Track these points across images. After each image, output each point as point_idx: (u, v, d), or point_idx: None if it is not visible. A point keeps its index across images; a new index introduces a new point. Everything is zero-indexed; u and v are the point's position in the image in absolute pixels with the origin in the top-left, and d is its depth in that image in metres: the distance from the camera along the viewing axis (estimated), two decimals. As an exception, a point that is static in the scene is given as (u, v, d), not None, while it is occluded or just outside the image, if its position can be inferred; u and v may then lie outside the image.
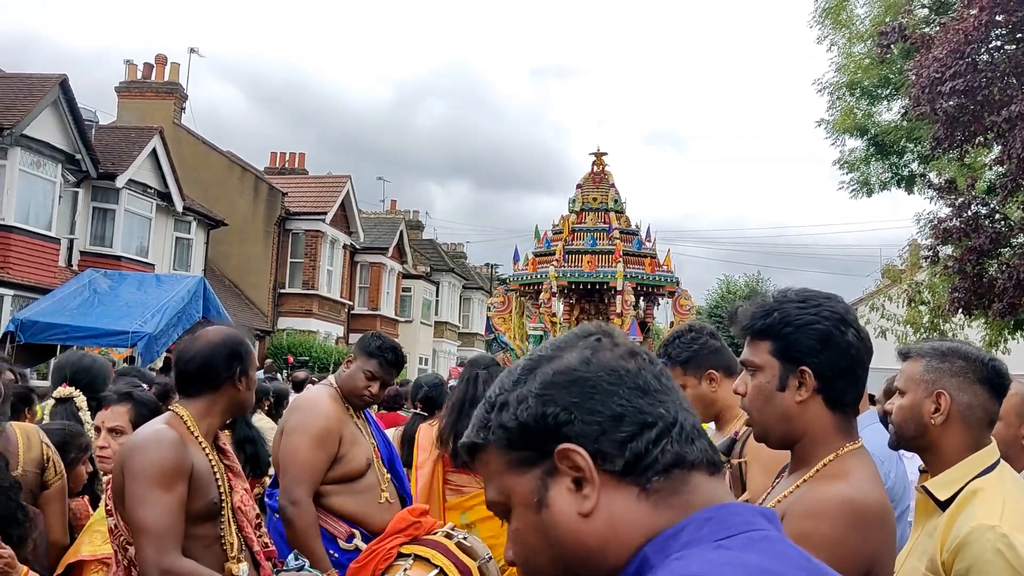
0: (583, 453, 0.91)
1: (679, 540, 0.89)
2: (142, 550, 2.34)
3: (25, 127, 15.99)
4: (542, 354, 0.99)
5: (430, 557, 3.20)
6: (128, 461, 2.43)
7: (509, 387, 0.98)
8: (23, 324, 13.78)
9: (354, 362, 3.59)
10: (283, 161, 31.39)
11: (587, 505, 0.91)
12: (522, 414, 0.94)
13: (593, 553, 0.92)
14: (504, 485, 0.97)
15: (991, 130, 13.29)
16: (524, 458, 0.95)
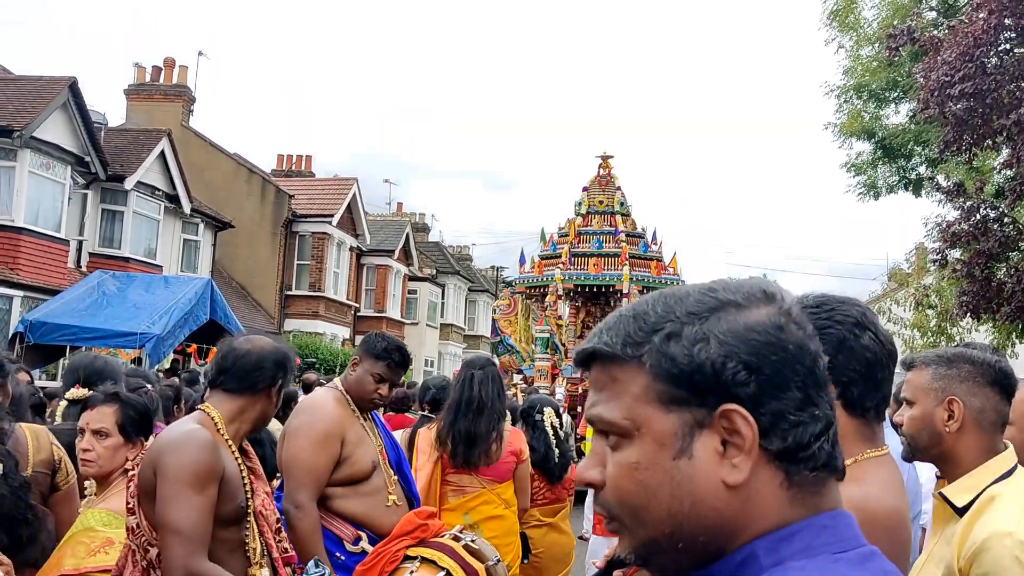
0: (752, 423, 0.84)
1: (792, 544, 0.83)
2: (170, 550, 2.31)
3: (35, 129, 16.04)
4: (724, 297, 0.88)
5: (437, 559, 3.17)
6: (161, 460, 2.40)
7: (682, 316, 0.87)
8: (32, 325, 13.83)
9: (360, 364, 3.56)
10: (290, 163, 31.45)
11: (735, 476, 0.84)
12: (699, 355, 0.85)
13: (722, 524, 0.85)
14: (638, 412, 0.87)
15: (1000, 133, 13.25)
16: (677, 397, 0.86)
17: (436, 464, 4.23)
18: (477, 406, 4.18)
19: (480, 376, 4.27)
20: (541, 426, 5.37)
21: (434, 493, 4.21)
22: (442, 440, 4.21)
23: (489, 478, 4.23)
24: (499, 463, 4.23)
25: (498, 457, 4.22)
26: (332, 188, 28.42)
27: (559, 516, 5.38)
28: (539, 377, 14.66)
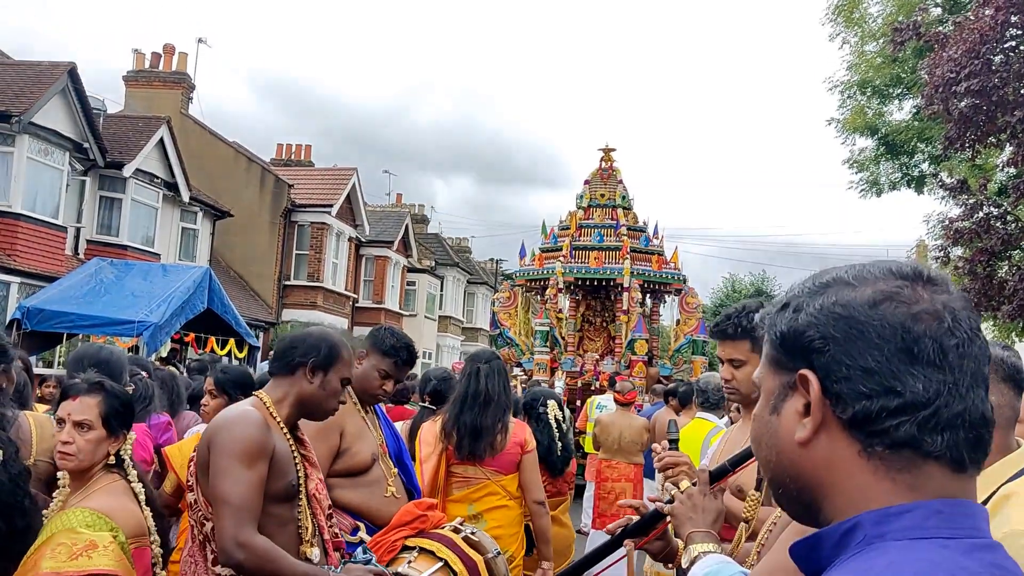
0: (815, 387, 0.91)
1: (900, 522, 0.87)
2: (221, 520, 2.44)
3: (33, 115, 15.95)
4: (842, 276, 0.96)
5: (435, 550, 3.16)
6: (215, 437, 2.53)
7: (803, 292, 0.98)
8: (29, 311, 13.77)
9: (367, 359, 3.54)
10: (289, 153, 31.37)
11: (801, 434, 0.92)
12: (790, 323, 0.95)
13: (802, 479, 0.94)
14: (760, 372, 1.02)
15: (1004, 131, 13.22)
16: (778, 360, 0.97)
17: (441, 456, 4.20)
18: (484, 399, 4.17)
19: (486, 370, 4.26)
20: (545, 418, 5.33)
21: (439, 485, 4.18)
22: (447, 432, 4.18)
23: (494, 469, 4.20)
24: (504, 454, 4.20)
25: (503, 448, 4.19)
26: (332, 178, 28.34)
27: (560, 509, 5.35)
28: (538, 370, 14.60)
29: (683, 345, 15.32)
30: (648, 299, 16.32)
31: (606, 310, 16.00)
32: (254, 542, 2.42)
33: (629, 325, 14.88)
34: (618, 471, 8.15)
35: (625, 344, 14.76)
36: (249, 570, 2.44)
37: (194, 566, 2.57)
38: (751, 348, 2.64)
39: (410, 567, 3.09)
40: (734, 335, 2.58)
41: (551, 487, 5.23)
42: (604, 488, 8.22)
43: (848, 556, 0.87)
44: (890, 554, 0.84)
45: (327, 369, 2.72)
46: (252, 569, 2.43)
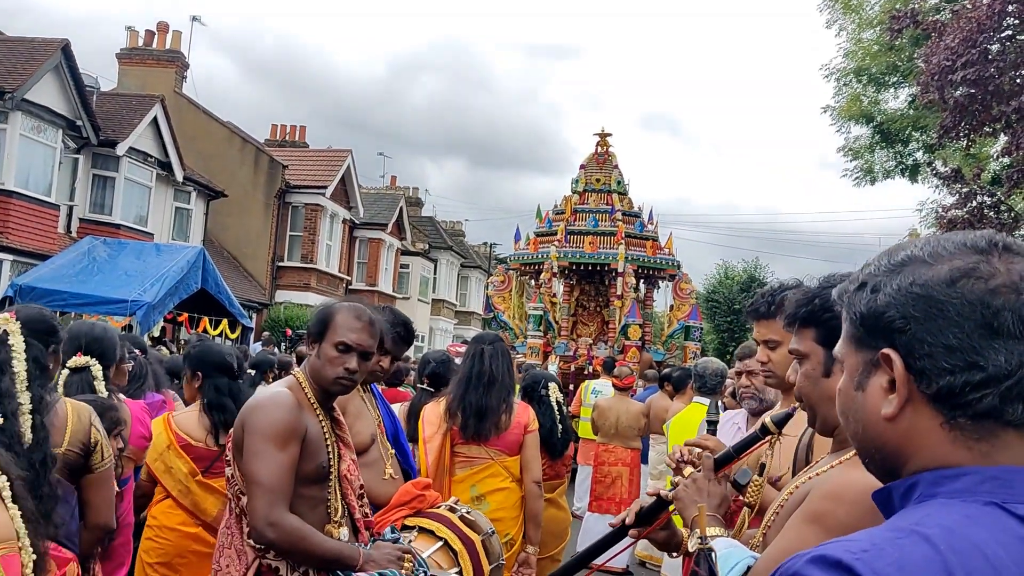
0: (899, 366, 0.95)
1: (953, 484, 0.92)
2: (253, 500, 2.50)
3: (26, 91, 15.84)
4: (918, 254, 0.99)
5: (435, 530, 3.18)
6: (249, 418, 2.59)
7: (880, 271, 1.00)
8: (22, 289, 13.71)
9: None
10: (283, 134, 31.23)
11: (888, 410, 0.97)
12: (870, 303, 0.99)
13: (886, 449, 0.99)
14: (842, 348, 1.05)
15: (999, 120, 13.25)
16: (860, 339, 1.00)
17: (445, 436, 4.21)
18: (488, 379, 4.18)
19: (490, 351, 4.27)
20: (547, 401, 5.35)
21: (444, 465, 4.19)
22: (452, 412, 4.19)
23: (498, 449, 4.21)
24: (508, 434, 4.21)
25: (507, 428, 4.20)
26: (326, 159, 28.23)
27: (557, 492, 5.38)
28: (530, 355, 14.62)
29: (676, 331, 15.36)
30: (642, 284, 16.33)
31: (600, 295, 16.02)
32: (285, 521, 2.48)
33: (623, 310, 14.91)
34: (615, 455, 8.19)
35: (619, 329, 14.80)
36: (281, 548, 2.51)
37: (230, 537, 2.65)
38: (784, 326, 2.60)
39: (410, 546, 3.11)
40: (766, 313, 2.52)
41: (550, 470, 5.25)
42: (601, 472, 8.26)
43: (905, 507, 0.95)
44: (928, 508, 0.90)
45: (321, 338, 2.72)
46: (283, 547, 2.50)
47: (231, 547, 2.64)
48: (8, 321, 2.76)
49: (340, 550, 2.59)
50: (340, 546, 2.61)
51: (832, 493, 1.60)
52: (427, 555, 3.07)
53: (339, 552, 2.58)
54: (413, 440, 4.56)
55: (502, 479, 4.21)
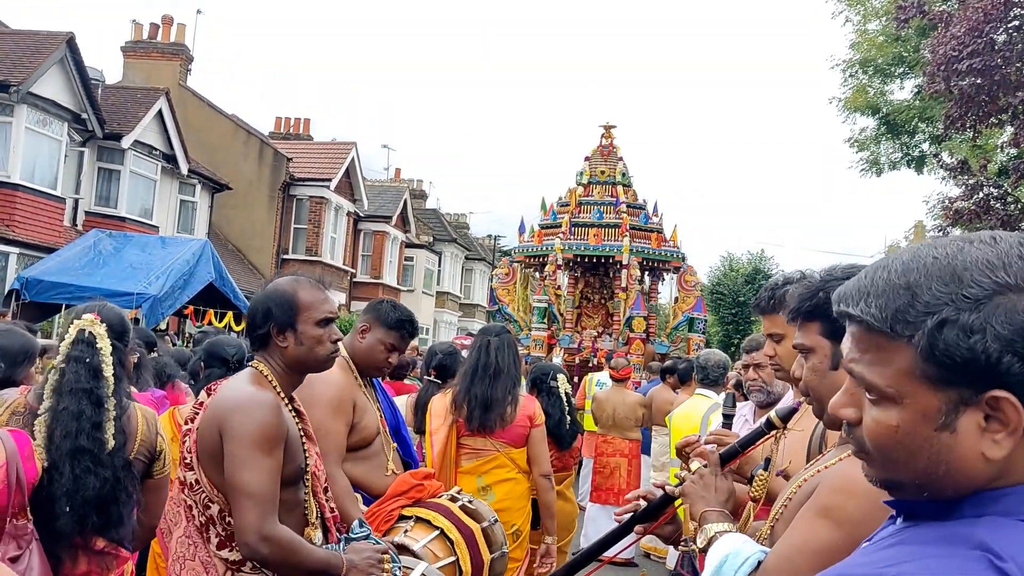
0: (1021, 411, 0.88)
1: (996, 505, 0.90)
2: (244, 514, 2.31)
3: (32, 84, 15.85)
4: (1004, 280, 0.90)
5: (431, 519, 3.18)
6: (228, 421, 2.37)
7: (958, 300, 0.90)
8: (28, 282, 13.76)
9: (370, 332, 3.50)
10: (288, 126, 31.21)
11: (997, 452, 0.90)
12: (976, 346, 0.88)
13: (971, 486, 0.92)
14: (903, 385, 0.93)
15: (1006, 111, 13.20)
16: (944, 378, 0.90)
17: (452, 428, 4.22)
18: (494, 371, 4.19)
19: (496, 342, 4.29)
20: (556, 392, 5.37)
21: (450, 457, 4.21)
22: (458, 404, 4.20)
23: (503, 441, 4.22)
24: (513, 427, 4.23)
25: (513, 420, 4.21)
26: (331, 152, 28.23)
27: (564, 484, 5.40)
28: (535, 347, 14.63)
29: (681, 323, 15.35)
30: (647, 276, 16.33)
31: (605, 287, 16.01)
32: (278, 534, 2.33)
33: (627, 302, 14.90)
34: (613, 446, 8.21)
35: (623, 321, 14.79)
36: (273, 563, 2.36)
37: (193, 548, 2.46)
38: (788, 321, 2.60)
39: (406, 536, 3.10)
40: (767, 308, 2.52)
41: (557, 462, 5.26)
42: (600, 463, 8.29)
43: (945, 521, 0.92)
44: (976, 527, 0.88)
45: (293, 323, 2.53)
46: (276, 562, 2.35)
47: (195, 559, 2.45)
48: (94, 323, 2.73)
49: (327, 560, 2.44)
50: (327, 555, 2.46)
51: (842, 487, 1.60)
52: (422, 544, 3.07)
53: (327, 562, 2.44)
54: (421, 432, 4.58)
55: (508, 470, 4.23)
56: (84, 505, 2.55)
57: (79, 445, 2.56)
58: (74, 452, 2.55)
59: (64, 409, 2.59)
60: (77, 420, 2.58)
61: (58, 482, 2.54)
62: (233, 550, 2.39)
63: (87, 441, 2.57)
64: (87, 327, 2.72)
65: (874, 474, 1.01)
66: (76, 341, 2.70)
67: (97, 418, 2.61)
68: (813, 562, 1.53)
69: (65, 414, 2.58)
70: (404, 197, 32.03)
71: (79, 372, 2.64)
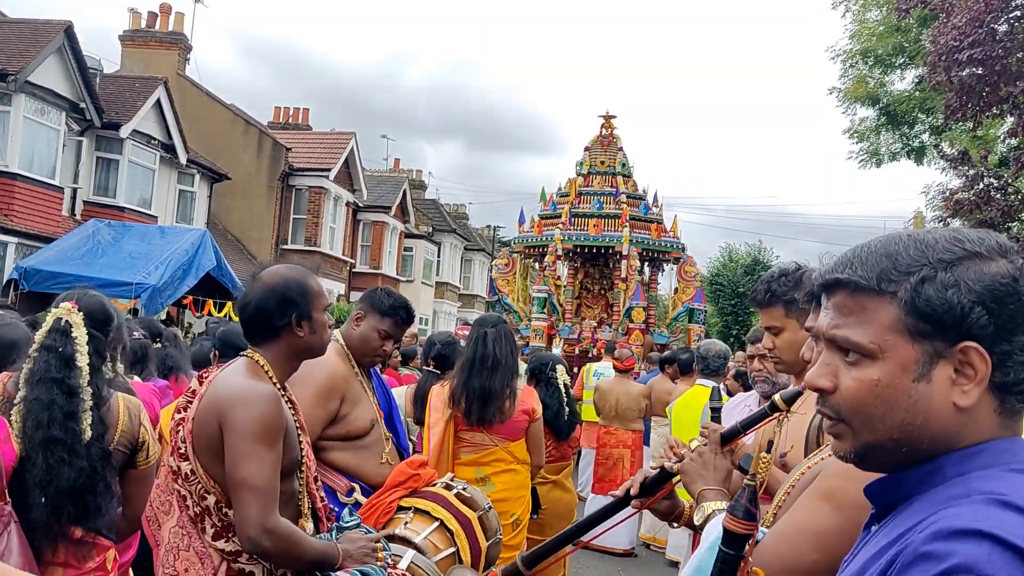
0: (987, 359, 0.99)
1: (977, 460, 1.00)
2: (246, 507, 2.29)
3: (29, 74, 15.79)
4: (971, 248, 1.03)
5: (430, 510, 3.16)
6: (229, 414, 2.34)
7: (934, 262, 1.03)
8: (27, 272, 13.75)
9: (365, 320, 3.48)
10: (287, 116, 31.12)
11: (966, 401, 1.01)
12: (952, 298, 1.00)
13: (947, 438, 1.02)
14: (885, 339, 1.03)
15: (1006, 101, 13.17)
16: (924, 331, 1.02)
17: (449, 422, 4.20)
18: (491, 363, 4.15)
19: (493, 334, 4.24)
20: (555, 383, 5.35)
21: (447, 450, 4.18)
22: (456, 398, 4.17)
23: (502, 436, 4.21)
24: (512, 421, 4.21)
25: (511, 414, 4.19)
26: (330, 142, 28.16)
27: (563, 474, 5.39)
28: (535, 337, 14.63)
29: (680, 313, 15.35)
30: (646, 267, 16.32)
31: (604, 278, 16.01)
32: (280, 527, 2.33)
33: (627, 293, 14.90)
34: (616, 437, 8.20)
35: (623, 312, 14.80)
36: (275, 556, 2.35)
37: (187, 538, 2.44)
38: (785, 313, 2.60)
39: (407, 528, 3.08)
40: (764, 301, 2.54)
41: (556, 452, 5.26)
42: (603, 454, 8.28)
43: (934, 488, 1.00)
44: (994, 480, 0.96)
45: (311, 313, 2.54)
46: (278, 554, 2.35)
47: (189, 549, 2.42)
48: (71, 312, 2.70)
49: (325, 550, 2.45)
50: (324, 546, 2.47)
51: (845, 471, 1.60)
52: (423, 537, 3.05)
53: (324, 552, 2.45)
54: (421, 423, 4.56)
55: (507, 463, 4.21)
56: (59, 495, 2.54)
57: (52, 435, 2.55)
58: (47, 442, 2.54)
59: (35, 399, 2.58)
60: (48, 410, 2.56)
61: (31, 472, 2.53)
62: (229, 540, 2.38)
63: (60, 431, 2.56)
64: (63, 316, 2.70)
65: (849, 445, 1.09)
66: (51, 330, 2.68)
67: (70, 408, 2.59)
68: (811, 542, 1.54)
69: (36, 404, 2.57)
70: (403, 187, 31.98)
71: (49, 361, 2.62)
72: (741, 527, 1.29)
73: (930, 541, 0.90)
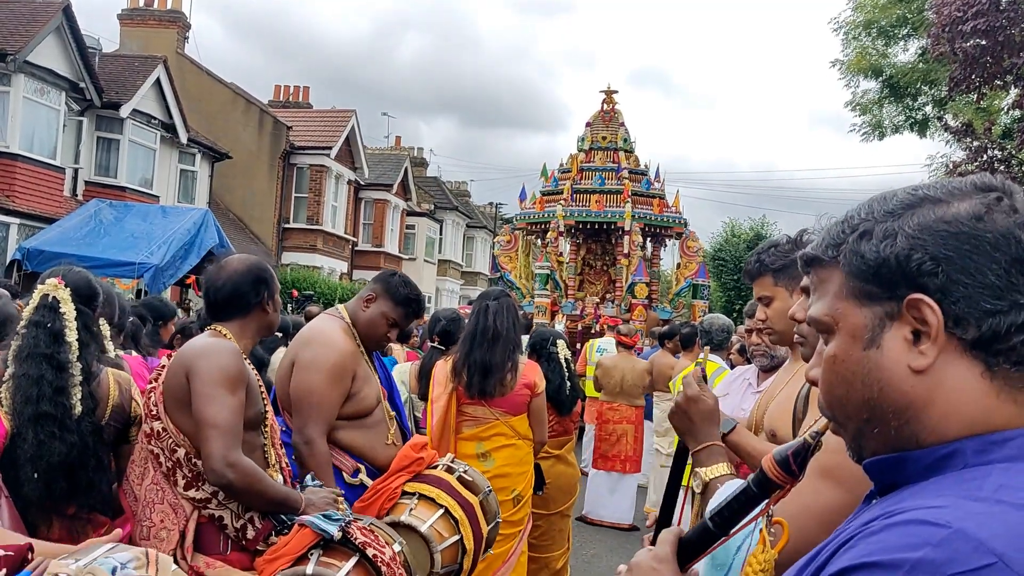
0: (936, 309, 0.87)
1: (1003, 450, 0.85)
2: (211, 444, 2.49)
3: (28, 53, 15.72)
4: (929, 194, 0.92)
5: (435, 497, 3.16)
6: (194, 364, 2.58)
7: (879, 216, 0.92)
8: (29, 253, 13.76)
9: (375, 303, 3.42)
10: (287, 94, 31.01)
11: (921, 362, 0.88)
12: (885, 250, 0.89)
13: (911, 408, 0.89)
14: (836, 308, 0.95)
15: (1010, 72, 13.09)
16: (869, 292, 0.91)
17: (451, 395, 4.21)
18: (492, 336, 4.16)
19: (495, 307, 4.25)
20: (556, 358, 5.36)
21: (450, 424, 4.20)
22: (457, 371, 4.18)
23: (503, 410, 4.22)
24: (513, 395, 4.22)
25: (512, 388, 4.20)
26: (330, 120, 28.07)
27: (565, 448, 5.42)
28: (538, 314, 14.63)
29: (683, 289, 15.34)
30: (649, 243, 16.29)
31: (607, 253, 15.98)
32: (242, 462, 2.50)
33: (630, 269, 14.88)
34: (619, 413, 8.22)
35: (625, 288, 14.79)
36: (238, 488, 2.52)
37: (161, 493, 2.60)
38: (774, 283, 2.62)
39: (412, 515, 3.08)
40: (754, 272, 2.58)
41: (558, 426, 5.28)
42: (605, 430, 8.30)
43: (945, 474, 0.86)
44: (995, 476, 0.83)
45: (273, 292, 2.88)
46: (240, 488, 2.52)
47: (163, 502, 2.59)
48: (58, 288, 2.72)
49: (288, 493, 2.65)
50: (287, 490, 2.68)
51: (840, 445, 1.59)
52: (428, 525, 3.07)
53: (287, 495, 2.64)
54: (425, 398, 4.57)
55: (507, 437, 4.23)
56: (50, 470, 2.55)
57: (41, 410, 2.57)
58: (36, 417, 2.56)
59: (24, 375, 2.60)
60: (38, 385, 2.59)
61: (22, 448, 2.54)
62: (200, 489, 2.56)
63: (49, 406, 2.58)
64: (51, 292, 2.72)
65: (847, 440, 0.99)
66: (39, 306, 2.70)
67: (59, 383, 2.61)
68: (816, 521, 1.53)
69: (25, 379, 2.59)
70: (404, 165, 31.90)
71: (38, 337, 2.64)
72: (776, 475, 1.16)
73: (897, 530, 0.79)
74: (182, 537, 2.53)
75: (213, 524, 2.57)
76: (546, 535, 5.12)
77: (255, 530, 2.59)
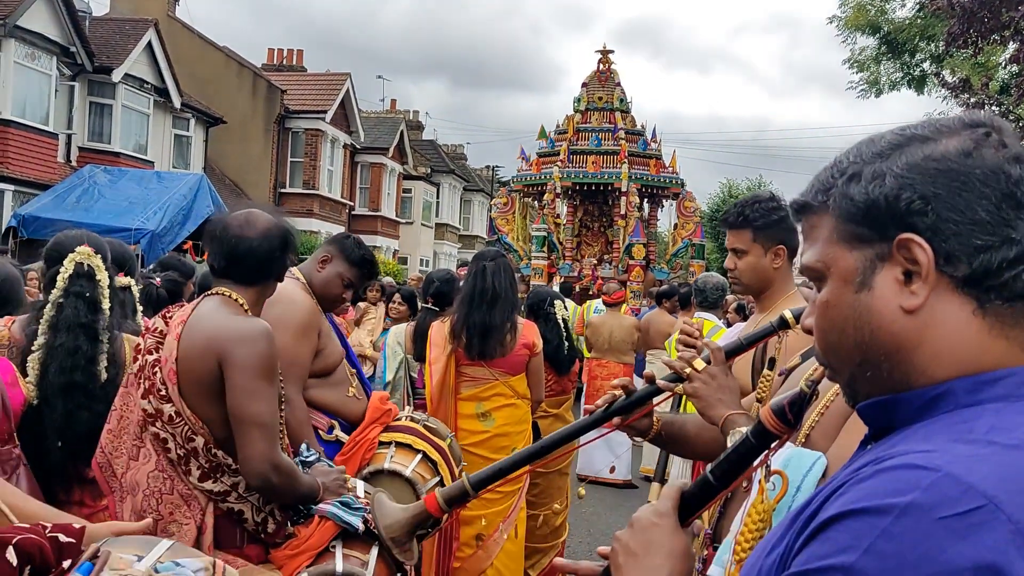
0: (926, 248, 0.86)
1: (995, 389, 0.85)
2: (255, 444, 2.30)
3: (18, 18, 15.57)
4: (916, 133, 0.91)
5: (411, 443, 3.24)
6: (233, 353, 2.33)
7: (867, 158, 0.91)
8: (25, 220, 13.75)
9: (330, 263, 3.40)
10: (280, 58, 30.73)
11: (913, 301, 0.88)
12: (873, 191, 0.89)
13: (903, 350, 0.89)
14: (827, 253, 0.94)
15: (1008, 27, 12.98)
16: (859, 234, 0.91)
17: (450, 357, 4.25)
18: (491, 297, 4.18)
19: (492, 267, 4.26)
20: (553, 318, 5.40)
21: (449, 385, 4.24)
22: (456, 333, 4.21)
23: (502, 370, 4.26)
24: (512, 355, 4.25)
25: (512, 348, 4.24)
26: (325, 83, 27.85)
27: (563, 407, 5.47)
28: (535, 276, 14.65)
29: (681, 249, 15.34)
30: (646, 204, 16.26)
31: (604, 215, 15.96)
32: (284, 461, 2.37)
33: (627, 230, 14.88)
34: (608, 370, 8.27)
35: (623, 249, 14.79)
36: (279, 489, 2.38)
37: (169, 482, 2.38)
38: (752, 238, 2.66)
39: (393, 462, 3.15)
40: (735, 223, 2.62)
41: (556, 386, 5.32)
42: (594, 387, 8.35)
43: (936, 417, 0.86)
44: (986, 418, 0.83)
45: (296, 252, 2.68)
46: (281, 489, 2.38)
47: (172, 492, 2.38)
48: (91, 256, 2.70)
49: (311, 483, 2.49)
50: (310, 480, 2.51)
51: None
52: (411, 469, 3.14)
53: (311, 486, 2.48)
54: (422, 360, 4.60)
55: (507, 397, 4.28)
56: (76, 440, 2.56)
57: (73, 380, 2.57)
58: (67, 387, 2.57)
59: (60, 345, 2.59)
60: (72, 356, 2.58)
61: (50, 417, 2.55)
62: (218, 481, 2.37)
63: (81, 376, 2.59)
64: (84, 260, 2.69)
65: (843, 388, 0.98)
66: (75, 275, 2.67)
67: (92, 352, 2.62)
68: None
69: (61, 350, 2.59)
70: (400, 128, 31.72)
71: (78, 308, 2.63)
72: (773, 425, 1.19)
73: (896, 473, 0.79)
74: (198, 532, 2.35)
75: (231, 518, 2.39)
76: (545, 492, 5.18)
77: (276, 523, 2.44)
